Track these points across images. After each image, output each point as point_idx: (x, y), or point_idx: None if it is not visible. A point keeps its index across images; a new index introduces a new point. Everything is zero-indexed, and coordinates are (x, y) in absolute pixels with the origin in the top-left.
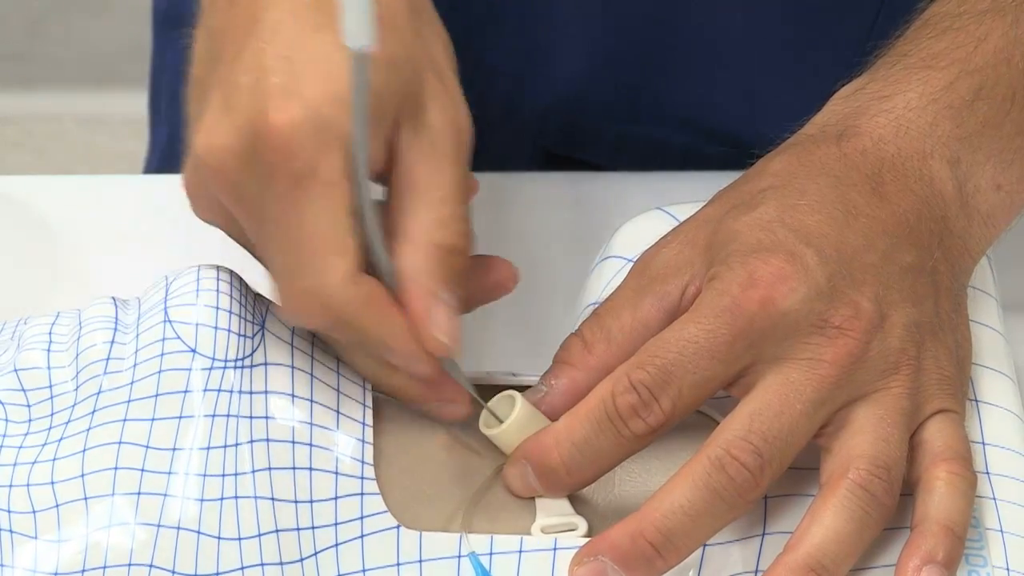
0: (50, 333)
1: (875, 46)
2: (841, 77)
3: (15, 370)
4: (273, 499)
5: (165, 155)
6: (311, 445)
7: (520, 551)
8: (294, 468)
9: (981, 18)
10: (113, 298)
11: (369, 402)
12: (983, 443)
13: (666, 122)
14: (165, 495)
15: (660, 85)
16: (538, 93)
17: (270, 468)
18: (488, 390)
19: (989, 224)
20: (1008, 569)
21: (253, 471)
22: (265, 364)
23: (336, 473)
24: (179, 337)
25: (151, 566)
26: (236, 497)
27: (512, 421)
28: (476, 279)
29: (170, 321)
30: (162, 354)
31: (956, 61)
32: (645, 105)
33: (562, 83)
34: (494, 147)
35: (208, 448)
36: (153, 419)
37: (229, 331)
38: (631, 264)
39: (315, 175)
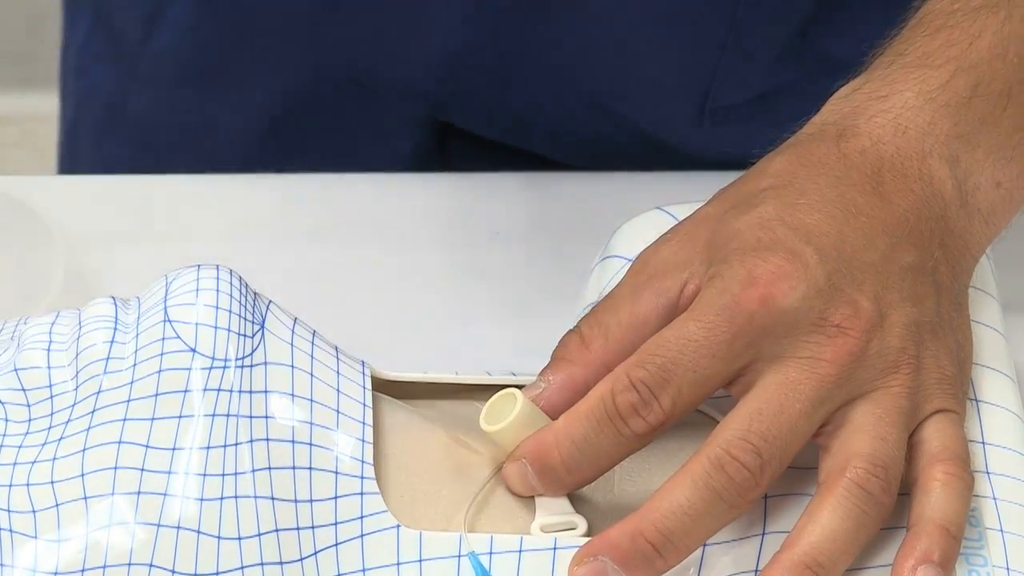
0: (50, 333)
1: (876, 47)
2: (706, 50)
3: (15, 370)
4: (273, 498)
5: (72, 131)
6: (311, 444)
7: (520, 550)
8: (294, 467)
9: (975, 15)
10: (113, 297)
11: (369, 402)
12: (983, 443)
13: (539, 88)
14: (165, 494)
15: (532, 52)
16: (414, 58)
17: (270, 467)
18: (488, 390)
19: (989, 222)
20: (1008, 568)
21: (253, 470)
22: (265, 364)
23: (336, 472)
24: (179, 336)
25: (151, 565)
26: (236, 496)
27: (513, 419)
28: None
29: (170, 320)
30: (162, 353)
31: (952, 59)
32: (517, 71)
33: (437, 48)
34: (377, 112)
35: (208, 447)
36: (153, 418)
37: (229, 330)
38: (630, 263)
39: None
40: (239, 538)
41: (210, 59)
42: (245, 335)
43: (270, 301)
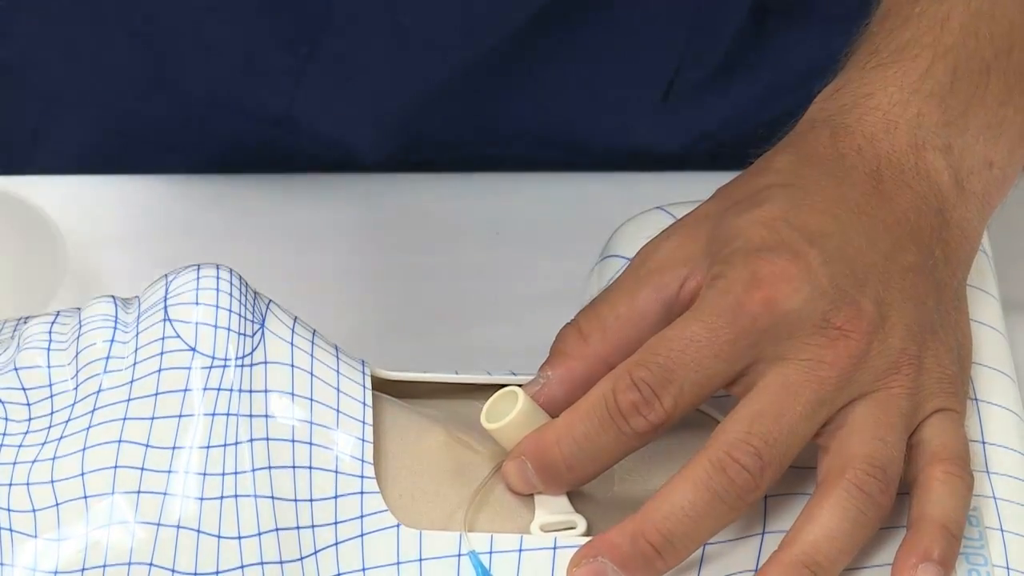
0: (50, 332)
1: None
2: (671, 41)
3: (15, 369)
4: (273, 498)
5: None
6: (311, 444)
7: (520, 550)
8: (294, 467)
9: None
10: (113, 297)
11: (369, 401)
12: (983, 442)
13: (507, 130)
14: (165, 494)
15: (499, 103)
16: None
17: (270, 467)
18: (488, 389)
19: (985, 203)
20: (1008, 568)
21: (253, 470)
22: (265, 363)
23: (336, 472)
24: (179, 336)
25: (151, 565)
26: (236, 496)
27: (513, 417)
28: None
29: (170, 320)
30: (162, 353)
31: (926, 47)
32: (482, 121)
33: (389, 113)
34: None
35: (208, 447)
36: (153, 417)
37: (229, 330)
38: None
39: None
40: (239, 537)
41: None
42: (245, 334)
43: (270, 300)
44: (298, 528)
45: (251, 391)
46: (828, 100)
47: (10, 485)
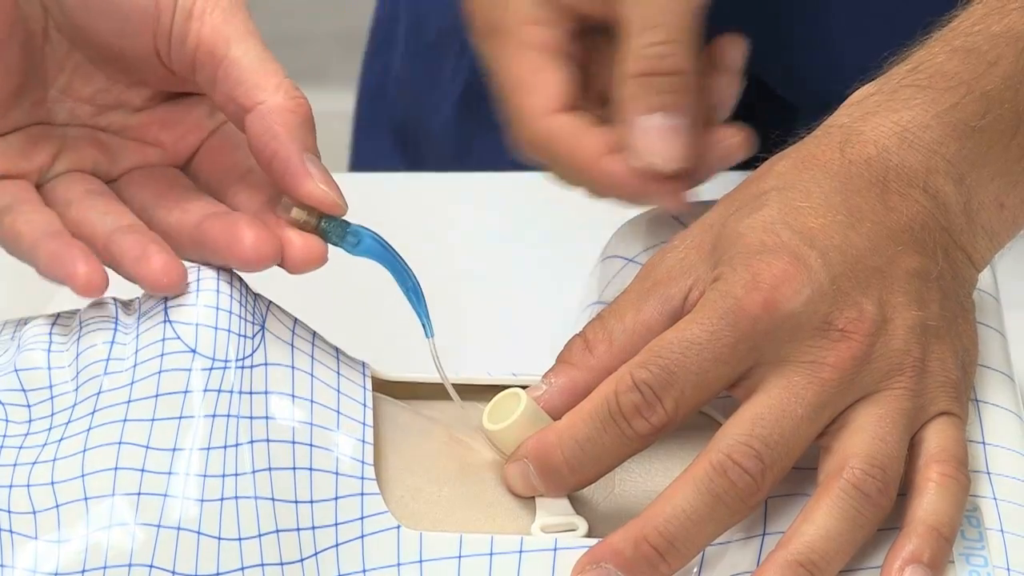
0: (50, 333)
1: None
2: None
3: (15, 370)
4: (273, 499)
5: None
6: (311, 445)
7: (520, 551)
8: (294, 468)
9: (994, 41)
10: (114, 298)
11: (369, 402)
12: (983, 443)
13: (811, 50)
14: (165, 495)
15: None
16: None
17: (270, 468)
18: (488, 390)
19: (993, 239)
20: (1008, 568)
21: (253, 471)
22: (265, 364)
23: (336, 473)
24: (179, 337)
25: (151, 566)
26: (236, 497)
27: (516, 418)
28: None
29: (170, 321)
30: (162, 354)
31: (965, 83)
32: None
33: None
34: None
35: (208, 448)
36: (153, 419)
37: (229, 331)
38: (630, 263)
39: (503, 27)
40: (239, 539)
41: None
42: (245, 336)
43: (270, 302)
44: (298, 530)
45: (251, 393)
46: (855, 105)
47: (10, 487)
